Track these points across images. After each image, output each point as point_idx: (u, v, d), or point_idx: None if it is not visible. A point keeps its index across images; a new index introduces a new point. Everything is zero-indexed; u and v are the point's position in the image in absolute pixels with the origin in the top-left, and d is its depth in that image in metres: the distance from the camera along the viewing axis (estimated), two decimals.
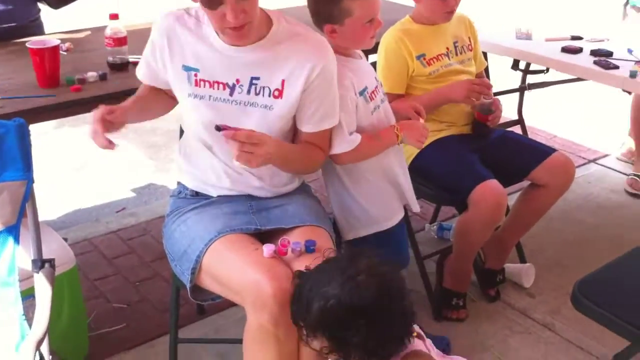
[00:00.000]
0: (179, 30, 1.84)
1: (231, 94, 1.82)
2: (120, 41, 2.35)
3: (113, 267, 2.84)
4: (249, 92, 1.82)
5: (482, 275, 2.63)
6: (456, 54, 2.47)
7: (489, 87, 2.40)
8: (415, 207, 2.17)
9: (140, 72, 1.99)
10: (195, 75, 1.83)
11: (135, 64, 2.38)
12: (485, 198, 2.24)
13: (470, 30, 2.55)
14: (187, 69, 1.83)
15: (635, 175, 3.45)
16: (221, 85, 1.82)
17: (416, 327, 1.58)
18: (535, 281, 2.68)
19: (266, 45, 1.81)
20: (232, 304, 2.14)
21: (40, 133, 4.10)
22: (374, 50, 2.39)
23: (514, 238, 2.61)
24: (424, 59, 2.39)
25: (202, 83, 1.83)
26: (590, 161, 3.77)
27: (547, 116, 4.24)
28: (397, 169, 2.12)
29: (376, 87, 2.09)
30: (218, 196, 1.95)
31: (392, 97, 2.33)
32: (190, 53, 1.83)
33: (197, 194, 1.99)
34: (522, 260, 2.76)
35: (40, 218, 1.81)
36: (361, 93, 2.01)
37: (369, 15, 1.94)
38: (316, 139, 1.92)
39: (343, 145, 1.95)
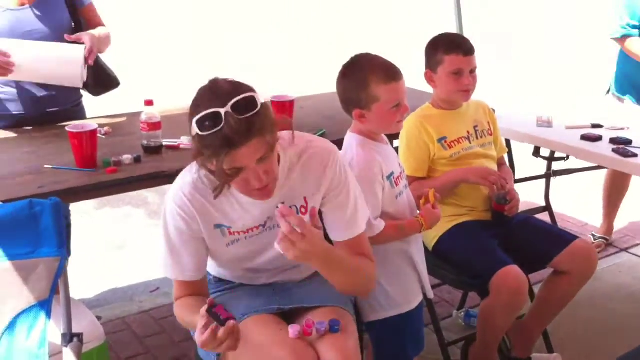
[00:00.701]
0: (198, 199, 1.79)
1: (264, 227, 1.87)
2: (154, 126, 2.48)
3: (144, 347, 2.90)
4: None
5: None
6: (477, 138, 2.55)
7: (505, 181, 2.46)
8: (430, 293, 2.21)
9: (186, 269, 1.85)
10: (229, 230, 1.84)
11: (170, 147, 2.54)
12: (505, 284, 2.26)
13: (489, 116, 2.64)
14: (218, 226, 1.83)
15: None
16: (254, 229, 1.86)
17: None
18: None
19: (282, 182, 1.81)
20: None
21: (82, 212, 4.27)
22: (395, 136, 2.48)
23: (539, 326, 2.59)
24: (445, 142, 2.48)
25: (236, 234, 1.86)
26: (622, 250, 3.74)
27: (576, 204, 4.25)
28: (416, 254, 2.18)
29: (400, 173, 2.17)
30: (240, 283, 2.01)
31: (413, 180, 2.40)
32: (218, 214, 1.82)
33: (220, 280, 2.05)
34: (550, 349, 2.73)
35: (77, 296, 1.90)
36: (388, 177, 2.09)
37: (395, 100, 2.04)
38: (354, 247, 1.90)
39: (368, 229, 2.00)
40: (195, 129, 1.61)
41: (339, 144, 2.15)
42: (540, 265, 2.48)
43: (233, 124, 1.57)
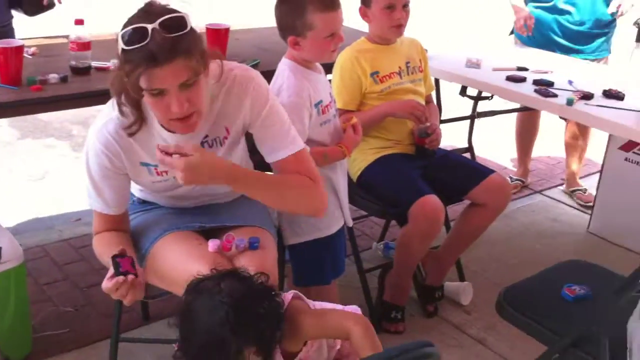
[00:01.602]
0: (123, 136, 1.76)
1: None
2: (83, 46, 2.43)
3: (62, 273, 2.87)
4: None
5: (422, 291, 2.72)
6: (408, 74, 2.60)
7: (429, 114, 2.53)
8: (349, 221, 2.29)
9: (108, 203, 1.83)
10: (155, 169, 1.83)
11: (99, 69, 2.48)
12: (423, 212, 2.35)
13: (421, 54, 2.69)
14: (144, 164, 1.82)
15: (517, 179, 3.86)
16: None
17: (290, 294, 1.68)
18: (472, 299, 2.77)
19: (206, 115, 1.78)
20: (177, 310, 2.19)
21: (5, 143, 4.14)
22: (331, 67, 2.50)
23: (453, 255, 2.71)
24: (377, 76, 2.52)
25: (163, 173, 1.84)
26: (536, 192, 3.91)
27: (497, 148, 4.39)
28: (341, 182, 2.23)
29: (330, 102, 2.20)
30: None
31: (343, 112, 2.44)
32: (144, 152, 1.79)
33: (143, 202, 2.05)
34: (462, 278, 2.86)
35: None
36: (316, 105, 2.11)
37: (331, 29, 2.06)
38: (292, 167, 1.89)
39: None
40: (120, 44, 1.58)
41: (272, 74, 2.16)
42: (457, 197, 2.58)
43: (159, 39, 1.54)
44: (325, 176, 2.18)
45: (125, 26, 1.61)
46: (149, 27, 1.55)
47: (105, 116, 1.77)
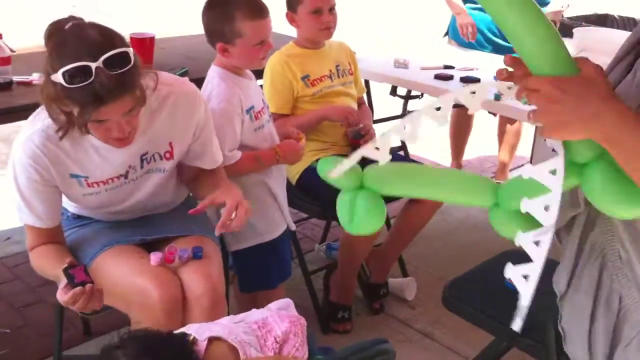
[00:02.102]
0: (51, 149, 1.70)
1: (126, 178, 1.82)
2: (3, 61, 2.37)
3: None
4: (142, 167, 1.83)
5: (367, 289, 2.74)
6: (338, 77, 2.62)
7: (359, 119, 2.56)
8: (292, 225, 2.30)
9: (41, 217, 1.77)
10: (86, 180, 1.78)
11: (21, 84, 2.40)
12: None
13: (350, 57, 2.72)
14: (74, 176, 1.77)
15: None
16: (115, 179, 1.81)
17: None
18: (416, 294, 2.82)
19: (145, 126, 1.77)
20: (119, 324, 2.14)
21: None
22: (261, 72, 2.50)
23: (395, 252, 2.75)
24: (308, 79, 2.53)
25: (94, 185, 1.80)
26: None
27: (430, 144, 4.48)
28: (279, 186, 2.23)
29: (262, 108, 2.19)
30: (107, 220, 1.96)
31: (278, 117, 2.44)
32: (73, 164, 1.75)
33: (78, 217, 1.99)
34: (405, 274, 2.90)
35: None
36: (247, 111, 2.10)
37: (260, 37, 2.05)
38: (217, 176, 1.96)
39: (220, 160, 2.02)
40: (60, 80, 1.52)
41: (201, 82, 2.14)
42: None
43: (104, 79, 1.51)
44: (260, 181, 2.17)
45: (59, 58, 1.53)
46: (93, 65, 1.50)
47: (29, 129, 1.71)
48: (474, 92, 1.09)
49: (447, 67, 3.16)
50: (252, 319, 1.53)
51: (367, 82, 3.06)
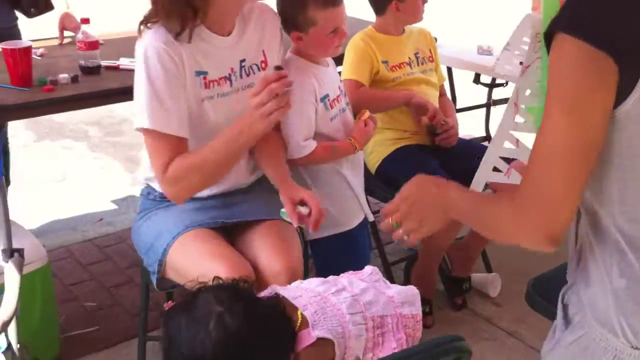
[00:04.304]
0: (176, 42, 1.76)
1: (231, 85, 1.88)
2: (91, 45, 2.41)
3: (88, 273, 2.88)
4: (241, 76, 1.90)
5: (449, 283, 2.69)
6: (418, 64, 2.58)
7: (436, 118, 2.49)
8: (370, 215, 2.25)
9: (173, 123, 1.75)
10: (204, 78, 1.83)
11: (109, 68, 2.47)
12: None
13: (430, 44, 2.66)
14: (198, 73, 1.82)
15: None
16: (222, 80, 1.87)
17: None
18: (501, 291, 2.74)
19: (241, 27, 1.89)
20: None
21: (22, 146, 4.16)
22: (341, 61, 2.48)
23: (479, 246, 2.68)
24: (388, 65, 2.49)
25: (210, 84, 1.85)
26: None
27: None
28: (355, 176, 2.20)
29: (338, 95, 2.17)
30: (206, 197, 1.97)
31: (357, 85, 2.41)
32: (199, 55, 1.81)
33: (164, 197, 2.02)
34: (489, 270, 2.83)
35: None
36: (322, 100, 2.09)
37: (333, 25, 2.03)
38: None
39: (296, 150, 2.04)
40: None
41: None
42: None
43: None
44: (336, 171, 2.15)
45: None
46: None
47: (148, 34, 1.75)
48: None
49: None
50: (366, 298, 1.47)
51: (449, 70, 2.98)
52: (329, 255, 2.22)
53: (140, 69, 1.75)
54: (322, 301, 1.45)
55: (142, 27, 1.78)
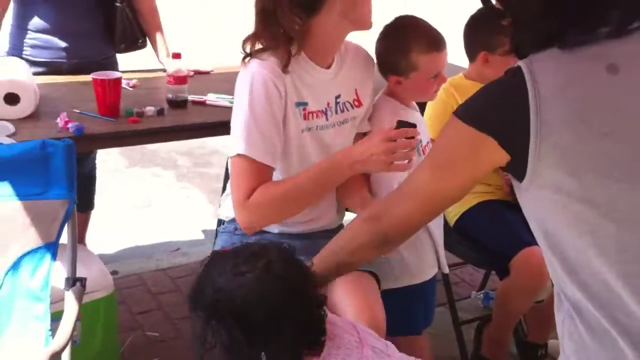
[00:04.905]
0: (282, 72, 1.77)
1: (327, 119, 1.88)
2: (180, 80, 2.45)
3: (157, 302, 2.90)
4: (336, 112, 1.90)
5: (524, 347, 2.53)
6: None
7: None
8: (445, 267, 2.15)
9: (274, 148, 1.77)
10: (304, 109, 1.83)
11: (196, 103, 2.51)
12: (527, 265, 2.18)
13: None
14: (299, 105, 1.83)
15: None
16: (319, 113, 1.87)
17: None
18: None
19: (338, 63, 1.91)
20: None
21: (113, 171, 4.29)
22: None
23: None
24: None
25: (310, 116, 1.85)
26: None
27: None
28: (435, 224, 2.11)
29: (428, 142, 2.10)
30: (278, 233, 1.95)
31: None
32: (301, 86, 1.82)
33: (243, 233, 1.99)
34: None
35: (97, 251, 1.87)
36: (416, 145, 2.02)
37: (435, 70, 1.97)
38: None
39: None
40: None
41: None
42: None
43: None
44: None
45: None
46: None
47: (254, 64, 1.77)
48: None
49: None
50: None
51: None
52: (397, 308, 2.12)
53: (243, 96, 1.75)
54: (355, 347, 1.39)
55: (247, 59, 1.79)
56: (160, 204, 4.00)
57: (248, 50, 1.79)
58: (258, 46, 1.79)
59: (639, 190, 1.07)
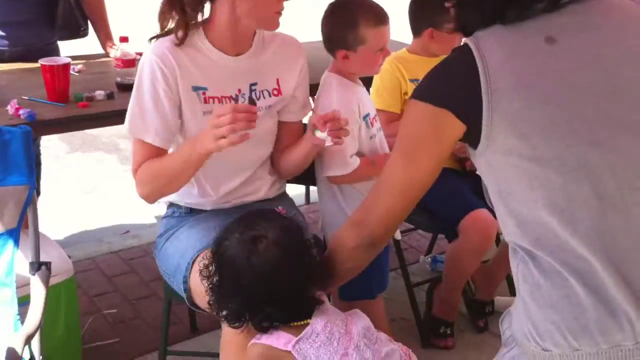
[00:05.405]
0: (179, 53, 1.83)
1: (236, 103, 1.88)
2: (128, 63, 2.46)
3: (112, 285, 2.91)
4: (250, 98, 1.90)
5: (472, 306, 2.66)
6: None
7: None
8: (397, 234, 2.24)
9: (157, 134, 1.83)
10: (204, 93, 1.87)
11: None
12: (474, 227, 2.31)
13: None
14: (196, 89, 1.86)
15: None
16: (226, 99, 1.89)
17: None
18: None
19: (256, 52, 1.93)
20: None
21: (54, 157, 4.23)
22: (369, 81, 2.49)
23: (503, 270, 2.63)
24: (418, 83, 2.48)
25: (210, 100, 1.88)
26: None
27: None
28: None
29: (375, 115, 2.18)
30: (212, 210, 2.02)
31: (388, 116, 2.42)
32: (196, 72, 1.85)
33: (191, 211, 2.05)
34: (512, 293, 2.79)
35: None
36: (364, 118, 2.09)
37: (381, 43, 2.04)
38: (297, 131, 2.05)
39: (342, 167, 2.04)
40: None
41: (314, 88, 2.15)
42: None
43: None
44: (365, 188, 2.14)
45: None
46: None
47: (159, 42, 1.84)
48: None
49: None
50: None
51: None
52: None
53: (136, 79, 1.86)
54: (339, 337, 1.52)
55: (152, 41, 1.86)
56: (105, 188, 3.98)
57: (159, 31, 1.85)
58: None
59: (581, 147, 1.18)
